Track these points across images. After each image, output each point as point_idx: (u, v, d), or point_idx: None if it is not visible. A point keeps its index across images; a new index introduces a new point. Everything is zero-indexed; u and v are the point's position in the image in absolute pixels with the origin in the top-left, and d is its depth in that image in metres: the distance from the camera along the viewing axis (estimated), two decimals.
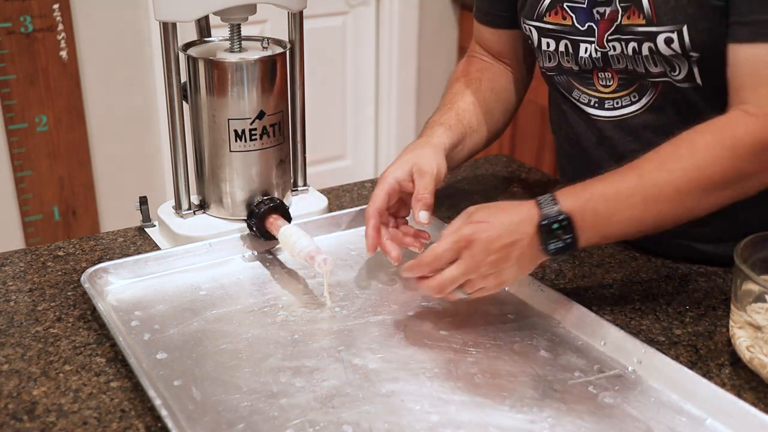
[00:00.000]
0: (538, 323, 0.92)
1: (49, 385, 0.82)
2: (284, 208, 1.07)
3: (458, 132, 1.07)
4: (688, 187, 0.84)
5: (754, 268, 0.84)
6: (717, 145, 0.84)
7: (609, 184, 0.86)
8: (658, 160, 0.85)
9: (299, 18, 1.12)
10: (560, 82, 1.08)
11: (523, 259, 0.86)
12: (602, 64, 1.00)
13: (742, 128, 0.84)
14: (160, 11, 1.01)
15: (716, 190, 0.85)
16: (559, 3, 1.01)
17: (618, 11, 0.95)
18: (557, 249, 0.85)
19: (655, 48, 0.93)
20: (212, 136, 1.06)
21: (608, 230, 0.86)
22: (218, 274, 1.02)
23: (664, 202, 0.84)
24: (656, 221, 0.86)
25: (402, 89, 3.11)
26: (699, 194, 0.84)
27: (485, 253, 0.84)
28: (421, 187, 0.95)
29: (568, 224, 0.84)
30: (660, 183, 0.84)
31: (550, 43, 1.04)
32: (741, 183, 0.85)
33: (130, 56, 2.48)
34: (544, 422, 0.75)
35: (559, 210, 0.84)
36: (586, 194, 0.85)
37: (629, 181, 0.85)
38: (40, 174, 2.41)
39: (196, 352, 0.86)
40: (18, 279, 1.02)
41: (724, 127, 0.85)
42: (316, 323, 0.91)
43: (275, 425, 0.75)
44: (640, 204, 0.84)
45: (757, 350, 0.81)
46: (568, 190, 0.86)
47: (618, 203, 0.84)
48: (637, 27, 0.93)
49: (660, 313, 0.95)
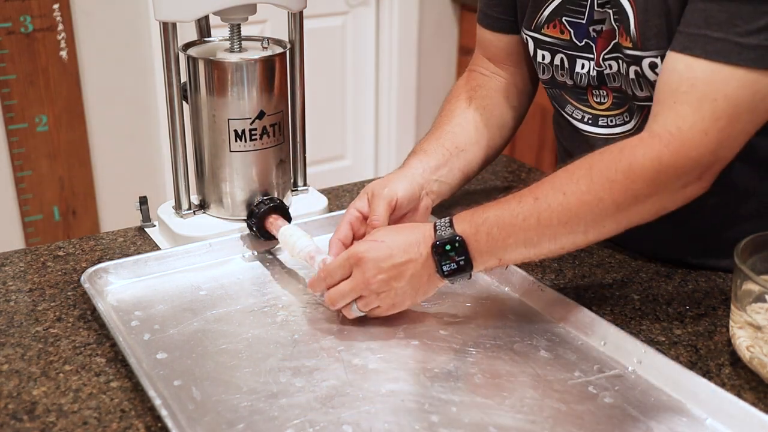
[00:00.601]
0: (538, 323, 0.92)
1: (49, 385, 0.82)
2: (284, 208, 1.07)
3: (438, 155, 1.04)
4: (580, 210, 0.82)
5: (754, 268, 0.84)
6: (612, 167, 0.81)
7: (506, 206, 0.85)
8: (556, 182, 0.84)
9: (299, 18, 1.12)
10: (553, 96, 1.07)
11: (417, 280, 0.86)
12: (597, 83, 0.99)
13: (641, 151, 0.81)
14: (160, 11, 1.01)
15: (609, 214, 0.82)
16: (559, 17, 0.99)
17: (614, 29, 0.93)
18: (451, 270, 0.85)
19: (641, 72, 0.91)
20: (212, 136, 1.06)
21: (504, 253, 0.85)
22: (218, 274, 1.02)
23: (558, 226, 0.82)
24: (552, 245, 0.84)
25: (402, 89, 3.11)
26: (592, 218, 0.82)
27: (375, 271, 0.85)
28: (372, 211, 0.96)
29: (461, 246, 0.84)
30: (554, 206, 0.82)
31: (546, 55, 1.03)
32: (635, 207, 0.82)
33: (130, 56, 2.48)
34: (544, 422, 0.75)
35: (453, 232, 0.84)
36: (482, 217, 0.85)
37: (525, 203, 0.84)
38: (40, 174, 2.41)
39: (196, 352, 0.86)
40: (18, 279, 1.02)
41: (623, 149, 0.82)
42: (316, 323, 0.91)
43: (275, 425, 0.75)
44: (535, 227, 0.83)
45: (757, 350, 0.81)
46: (465, 214, 0.86)
47: (513, 226, 0.83)
48: (625, 49, 0.92)
49: (660, 313, 0.95)
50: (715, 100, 0.80)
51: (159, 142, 2.60)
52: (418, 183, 1.01)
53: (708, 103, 0.80)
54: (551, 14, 1.00)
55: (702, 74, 0.80)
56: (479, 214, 0.85)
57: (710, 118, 0.80)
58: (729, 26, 0.79)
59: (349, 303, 0.88)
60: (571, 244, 0.85)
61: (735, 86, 0.79)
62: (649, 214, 0.84)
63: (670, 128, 0.81)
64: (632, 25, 0.90)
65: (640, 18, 0.89)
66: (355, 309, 0.89)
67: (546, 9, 1.00)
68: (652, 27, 0.88)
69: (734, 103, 0.80)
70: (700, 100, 0.80)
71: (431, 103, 3.19)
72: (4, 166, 2.36)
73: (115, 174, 2.56)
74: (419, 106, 3.17)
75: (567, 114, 1.06)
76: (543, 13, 1.01)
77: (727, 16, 0.79)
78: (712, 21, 0.80)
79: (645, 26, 0.89)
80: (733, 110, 0.80)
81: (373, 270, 0.85)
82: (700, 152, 0.81)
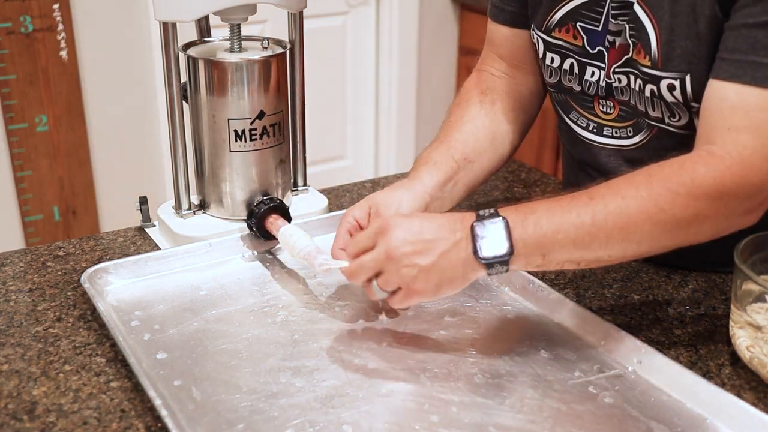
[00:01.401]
0: (538, 323, 0.92)
1: (49, 385, 0.82)
2: (284, 208, 1.07)
3: (446, 168, 0.99)
4: (639, 217, 0.78)
5: (754, 268, 0.85)
6: (674, 180, 0.78)
7: (556, 201, 0.80)
8: (614, 186, 0.80)
9: (299, 18, 1.12)
10: (558, 101, 1.06)
11: (446, 261, 0.78)
12: (605, 93, 0.97)
13: (703, 168, 0.78)
14: (160, 11, 1.01)
15: (668, 228, 0.79)
16: (573, 21, 0.97)
17: (629, 45, 0.92)
18: (491, 258, 0.77)
19: (657, 92, 0.90)
20: (212, 136, 1.06)
21: (551, 249, 0.78)
22: (218, 274, 1.02)
23: (613, 229, 0.78)
24: (602, 251, 0.79)
25: (402, 89, 3.11)
26: (650, 228, 0.78)
27: (400, 241, 0.78)
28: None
29: (505, 228, 0.77)
30: (611, 207, 0.78)
31: (555, 58, 1.01)
32: (694, 225, 0.79)
33: (130, 56, 2.48)
34: (544, 422, 0.75)
35: (497, 214, 0.79)
36: (530, 207, 0.80)
37: (578, 201, 0.79)
38: (40, 174, 2.41)
39: (196, 352, 0.86)
40: (18, 279, 1.02)
41: (684, 163, 0.80)
42: (316, 323, 0.91)
43: (275, 425, 0.75)
44: (588, 226, 0.77)
45: (757, 350, 0.81)
46: (510, 207, 0.81)
47: (564, 221, 0.78)
48: (643, 67, 0.90)
49: (660, 313, 0.95)
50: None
51: (159, 142, 2.60)
52: (425, 200, 0.96)
53: (766, 129, 0.79)
54: (564, 17, 0.98)
55: (755, 102, 0.79)
56: (526, 206, 0.80)
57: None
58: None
59: (369, 280, 0.83)
60: (621, 254, 0.80)
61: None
62: (705, 235, 0.81)
63: (731, 151, 0.79)
64: (654, 45, 0.88)
65: (664, 38, 0.87)
66: (376, 288, 0.82)
67: (558, 11, 0.98)
68: (676, 48, 0.87)
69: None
70: (758, 127, 0.79)
71: (431, 103, 3.19)
72: (4, 166, 2.36)
73: (115, 174, 2.56)
74: (419, 106, 3.17)
75: (571, 120, 1.05)
76: (555, 16, 0.99)
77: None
78: (759, 46, 0.79)
79: (669, 47, 0.87)
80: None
81: (399, 240, 0.78)
82: (761, 178, 0.79)
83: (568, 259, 0.80)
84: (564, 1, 0.98)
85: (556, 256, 0.79)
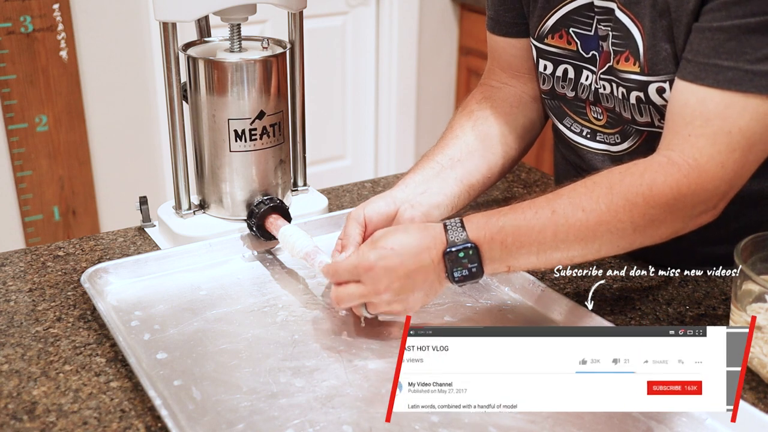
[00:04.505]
0: (538, 323, 0.92)
1: (49, 385, 0.82)
2: (284, 208, 1.07)
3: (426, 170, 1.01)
4: (598, 229, 0.82)
5: (754, 268, 0.85)
6: (633, 191, 0.81)
7: (521, 216, 0.83)
8: (575, 197, 0.83)
9: (299, 18, 1.12)
10: (552, 108, 1.06)
11: (428, 285, 0.85)
12: (593, 99, 0.99)
13: (661, 177, 0.81)
14: (160, 11, 1.01)
15: (626, 235, 0.82)
16: (565, 27, 0.98)
17: (610, 53, 0.93)
18: (462, 277, 0.83)
19: (644, 98, 0.91)
20: (212, 136, 1.06)
21: (515, 261, 0.84)
22: (218, 274, 1.02)
23: (573, 241, 0.82)
24: (563, 257, 0.84)
25: (402, 89, 3.11)
26: (608, 237, 0.82)
27: (387, 282, 0.83)
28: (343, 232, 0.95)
29: (475, 253, 0.83)
30: (572, 221, 0.82)
31: (548, 65, 1.02)
32: (650, 230, 0.82)
33: (130, 56, 2.48)
34: (544, 422, 0.75)
35: (466, 238, 0.83)
36: (496, 225, 0.83)
37: (542, 215, 0.83)
38: (40, 174, 2.41)
39: (196, 352, 0.86)
40: (18, 279, 1.02)
41: (644, 172, 0.82)
42: (316, 323, 0.91)
43: (275, 425, 0.75)
44: (550, 239, 0.82)
45: (757, 350, 0.81)
46: (478, 217, 0.84)
47: (528, 237, 0.82)
48: (630, 74, 0.91)
49: (660, 313, 0.95)
50: (730, 133, 0.80)
51: (159, 142, 2.60)
52: (396, 200, 0.98)
53: (723, 136, 0.80)
54: (556, 24, 0.99)
55: (715, 107, 0.80)
56: (494, 221, 0.83)
57: (726, 151, 0.80)
58: (739, 54, 0.79)
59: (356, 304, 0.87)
60: (581, 258, 0.85)
61: (748, 118, 0.80)
62: (661, 237, 0.84)
63: (687, 159, 0.81)
64: (641, 49, 0.89)
65: (648, 43, 0.88)
66: (364, 310, 0.87)
67: (550, 19, 0.99)
68: (660, 51, 0.88)
69: (748, 134, 0.80)
70: (716, 133, 0.80)
71: (431, 103, 3.19)
72: (4, 166, 2.36)
73: (115, 174, 2.56)
74: (419, 105, 3.17)
75: (565, 127, 1.05)
76: (547, 23, 1.00)
77: (736, 44, 0.79)
78: (722, 50, 0.80)
79: (653, 51, 0.88)
80: (747, 142, 0.80)
81: (385, 281, 0.83)
82: (715, 184, 0.81)
83: (531, 265, 0.85)
84: (554, 9, 0.99)
85: (519, 265, 0.85)
